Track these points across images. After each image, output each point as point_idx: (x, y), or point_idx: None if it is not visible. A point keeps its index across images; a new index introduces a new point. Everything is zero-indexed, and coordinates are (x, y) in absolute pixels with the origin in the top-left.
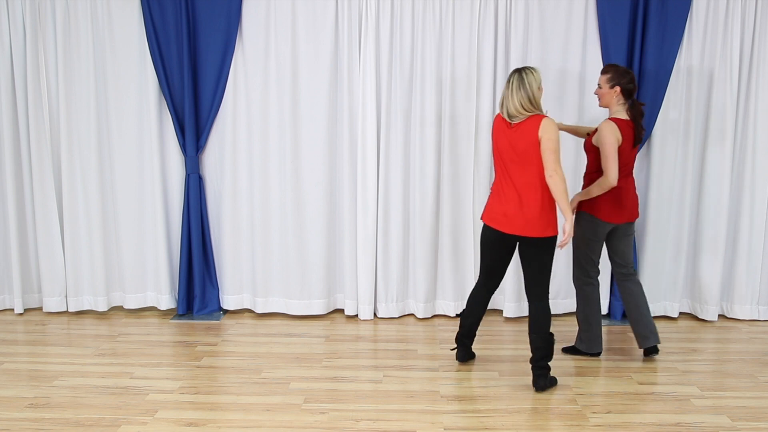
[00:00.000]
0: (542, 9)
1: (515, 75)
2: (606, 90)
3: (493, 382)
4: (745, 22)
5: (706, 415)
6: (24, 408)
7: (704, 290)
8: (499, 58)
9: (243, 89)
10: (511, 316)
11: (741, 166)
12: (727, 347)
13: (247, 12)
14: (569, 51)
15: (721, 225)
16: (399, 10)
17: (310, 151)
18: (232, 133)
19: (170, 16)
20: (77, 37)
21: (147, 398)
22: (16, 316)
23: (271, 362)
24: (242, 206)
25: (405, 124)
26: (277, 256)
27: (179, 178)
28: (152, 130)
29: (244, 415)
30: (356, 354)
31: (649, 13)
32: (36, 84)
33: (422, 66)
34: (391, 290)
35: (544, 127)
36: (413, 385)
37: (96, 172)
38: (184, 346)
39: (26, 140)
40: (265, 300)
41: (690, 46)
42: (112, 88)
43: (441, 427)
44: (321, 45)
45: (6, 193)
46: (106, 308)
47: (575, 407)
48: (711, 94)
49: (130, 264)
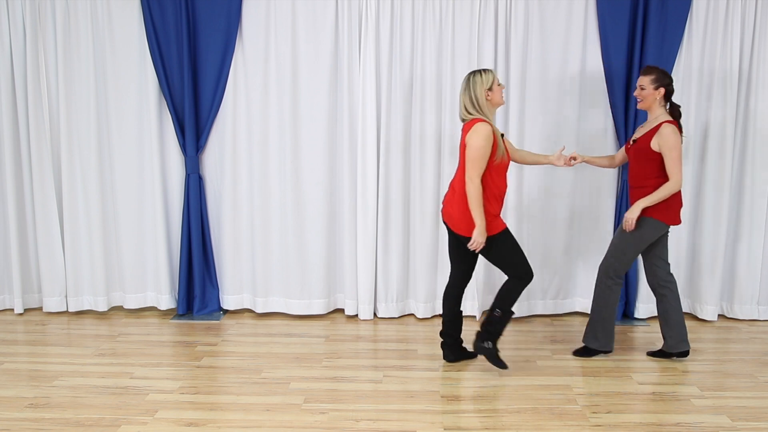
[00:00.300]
0: (542, 9)
1: (466, 77)
2: (650, 91)
3: (493, 382)
4: (745, 22)
5: (706, 415)
6: (24, 408)
7: (704, 290)
8: (499, 58)
9: (243, 89)
10: None
11: (741, 166)
12: (727, 347)
13: (247, 12)
14: (569, 51)
15: (721, 224)
16: (399, 10)
17: (310, 151)
18: (232, 133)
19: (170, 16)
20: (77, 37)
21: (147, 398)
22: (16, 316)
23: (271, 362)
24: (242, 206)
25: (405, 124)
26: (277, 256)
27: (179, 178)
28: (152, 130)
29: (244, 415)
30: (356, 354)
31: (649, 13)
32: (36, 84)
33: (422, 66)
34: (391, 290)
35: (472, 133)
36: (413, 385)
37: (96, 172)
38: (184, 346)
39: (26, 140)
40: (265, 300)
41: (690, 46)
42: (112, 88)
43: (441, 427)
44: (321, 45)
45: (6, 193)
46: (106, 308)
47: (575, 407)
48: (711, 93)
49: (130, 264)
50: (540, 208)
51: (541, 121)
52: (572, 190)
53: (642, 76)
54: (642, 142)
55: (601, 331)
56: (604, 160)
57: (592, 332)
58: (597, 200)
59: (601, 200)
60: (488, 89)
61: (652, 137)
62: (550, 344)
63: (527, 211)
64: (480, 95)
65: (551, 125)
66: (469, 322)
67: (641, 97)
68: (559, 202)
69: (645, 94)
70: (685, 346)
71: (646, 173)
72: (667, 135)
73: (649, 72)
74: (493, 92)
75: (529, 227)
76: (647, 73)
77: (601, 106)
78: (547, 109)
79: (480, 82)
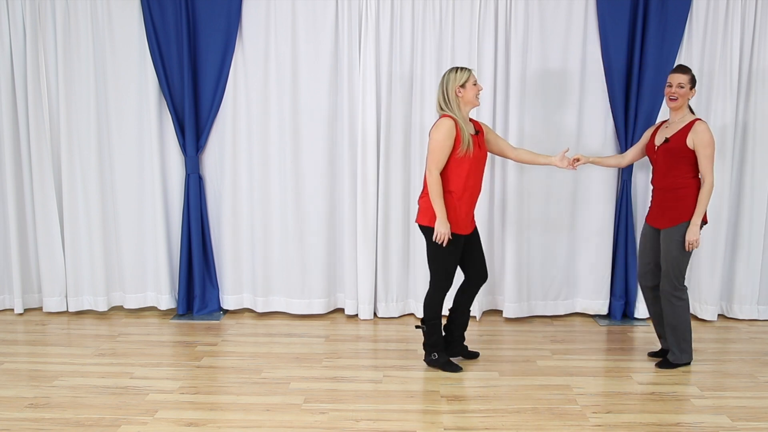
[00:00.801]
0: (542, 9)
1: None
2: (687, 90)
3: (493, 382)
4: (745, 22)
5: (706, 415)
6: (24, 408)
7: (704, 290)
8: (499, 58)
9: (243, 89)
10: (511, 316)
11: (741, 166)
12: (727, 347)
13: (247, 12)
14: (569, 51)
15: (721, 224)
16: (399, 10)
17: (310, 151)
18: (232, 133)
19: (170, 16)
20: (77, 37)
21: (147, 398)
22: (16, 316)
23: (271, 362)
24: (242, 206)
25: (405, 124)
26: (277, 256)
27: (179, 178)
28: (152, 130)
29: (244, 415)
30: (356, 354)
31: (649, 13)
32: (36, 84)
33: (422, 66)
34: (391, 290)
35: (435, 128)
36: (413, 385)
37: (96, 172)
38: (184, 346)
39: (26, 140)
40: (266, 299)
41: (690, 46)
42: (112, 88)
43: (441, 427)
44: (321, 45)
45: (6, 193)
46: (106, 308)
47: (575, 407)
48: (711, 93)
49: (130, 264)
50: (540, 208)
51: (541, 121)
52: (573, 190)
53: (680, 74)
54: (676, 141)
55: (684, 342)
56: (612, 159)
57: (678, 347)
58: (597, 201)
59: (601, 201)
60: (460, 86)
61: (686, 135)
62: (550, 344)
63: (528, 212)
64: (451, 91)
65: (551, 124)
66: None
67: (678, 95)
68: (559, 203)
69: (683, 92)
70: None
71: (682, 173)
72: (703, 131)
73: (687, 71)
74: (465, 90)
75: (529, 228)
76: (686, 72)
77: (601, 106)
78: (546, 109)
79: (453, 79)
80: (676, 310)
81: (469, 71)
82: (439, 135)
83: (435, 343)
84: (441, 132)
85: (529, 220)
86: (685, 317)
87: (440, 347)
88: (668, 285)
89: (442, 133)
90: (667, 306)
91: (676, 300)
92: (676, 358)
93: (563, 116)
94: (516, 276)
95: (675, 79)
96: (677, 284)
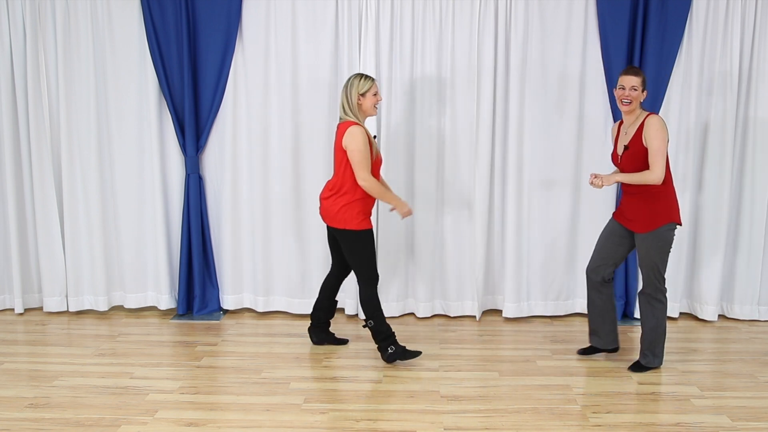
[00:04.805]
0: (542, 9)
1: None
2: (639, 93)
3: (493, 382)
4: (745, 22)
5: (706, 415)
6: (24, 408)
7: (704, 290)
8: (499, 58)
9: (243, 89)
10: (510, 316)
11: (741, 166)
12: (727, 347)
13: (247, 12)
14: (569, 51)
15: (721, 224)
16: (399, 10)
17: (310, 151)
18: (232, 133)
19: (170, 16)
20: (77, 37)
21: (147, 398)
22: (16, 316)
23: (271, 362)
24: (242, 206)
25: (405, 124)
26: (277, 255)
27: (179, 178)
28: (152, 130)
29: (244, 415)
30: (356, 354)
31: (649, 13)
32: (36, 84)
33: (422, 66)
34: (391, 289)
35: (349, 137)
36: (413, 385)
37: (96, 172)
38: (184, 346)
39: (26, 140)
40: (266, 299)
41: (690, 46)
42: (112, 88)
43: (441, 427)
44: (321, 45)
45: (6, 193)
46: (106, 308)
47: (575, 407)
48: (711, 94)
49: (130, 264)
50: (540, 209)
51: (541, 120)
52: (573, 190)
53: (632, 76)
54: (634, 145)
55: (659, 346)
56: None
57: (651, 351)
58: (597, 201)
59: (600, 201)
60: (361, 95)
61: (642, 134)
62: (550, 344)
63: (528, 213)
64: (352, 98)
65: (551, 124)
66: (470, 322)
67: (632, 98)
68: (559, 204)
69: (636, 95)
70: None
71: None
72: (652, 125)
73: (639, 73)
74: (365, 99)
75: (529, 229)
76: (638, 74)
77: (601, 106)
78: (546, 109)
79: (356, 86)
80: (656, 313)
81: (372, 80)
82: (359, 144)
83: (386, 336)
84: (359, 141)
85: (528, 220)
86: (663, 320)
87: (392, 338)
88: (650, 288)
89: (360, 142)
90: (646, 309)
91: (657, 303)
92: (649, 362)
93: (563, 116)
94: (516, 276)
95: (628, 81)
96: (659, 286)
